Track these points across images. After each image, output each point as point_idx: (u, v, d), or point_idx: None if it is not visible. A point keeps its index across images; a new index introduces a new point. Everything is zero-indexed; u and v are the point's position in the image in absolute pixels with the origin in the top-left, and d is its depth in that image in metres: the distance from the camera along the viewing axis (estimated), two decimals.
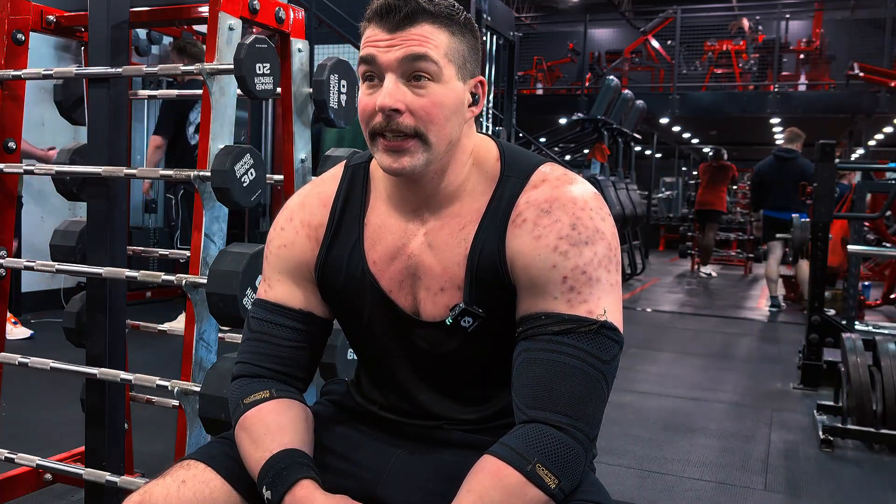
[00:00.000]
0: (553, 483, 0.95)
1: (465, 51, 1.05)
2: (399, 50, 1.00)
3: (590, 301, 1.01)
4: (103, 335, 1.86)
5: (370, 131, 1.04)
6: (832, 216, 4.22)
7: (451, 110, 1.04)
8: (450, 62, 1.03)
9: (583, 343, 1.00)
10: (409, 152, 1.03)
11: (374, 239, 1.13)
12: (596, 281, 1.02)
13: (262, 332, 1.16)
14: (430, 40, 1.01)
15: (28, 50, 2.00)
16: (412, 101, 1.01)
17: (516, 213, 1.06)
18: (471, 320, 1.08)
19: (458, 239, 1.09)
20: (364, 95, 1.04)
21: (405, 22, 1.01)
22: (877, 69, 11.45)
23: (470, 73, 1.07)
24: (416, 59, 1.01)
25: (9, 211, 2.05)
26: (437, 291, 1.10)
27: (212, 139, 1.74)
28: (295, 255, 1.16)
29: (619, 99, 8.50)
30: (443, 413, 1.16)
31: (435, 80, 1.02)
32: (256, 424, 1.09)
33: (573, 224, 1.03)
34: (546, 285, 1.02)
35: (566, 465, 0.96)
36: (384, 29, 1.02)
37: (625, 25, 16.87)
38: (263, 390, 1.12)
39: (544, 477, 0.94)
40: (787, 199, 6.40)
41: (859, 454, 3.16)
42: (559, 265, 1.02)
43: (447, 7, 1.03)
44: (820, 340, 4.07)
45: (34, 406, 3.23)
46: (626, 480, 2.74)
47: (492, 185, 1.10)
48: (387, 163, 1.04)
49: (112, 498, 1.83)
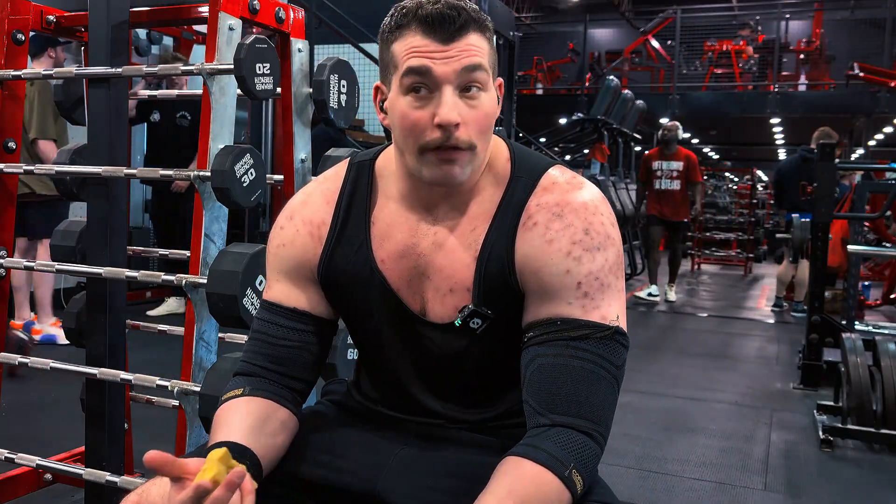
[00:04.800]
0: (580, 487, 0.97)
1: (495, 56, 1.07)
2: (456, 62, 1.00)
3: (602, 307, 1.02)
4: (103, 335, 1.86)
5: (421, 146, 1.02)
6: (832, 216, 4.23)
7: (493, 117, 1.05)
8: (491, 71, 1.04)
9: (598, 349, 1.01)
10: (461, 163, 1.03)
11: (383, 237, 1.12)
12: (608, 287, 1.03)
13: (261, 331, 1.15)
14: (481, 49, 1.02)
15: (28, 50, 2.00)
16: (467, 114, 1.01)
17: (527, 216, 1.06)
18: (479, 322, 1.08)
19: (468, 240, 1.09)
20: (411, 108, 1.01)
21: (459, 32, 1.00)
22: (877, 69, 11.46)
23: (496, 77, 1.07)
24: (473, 69, 1.01)
25: (9, 211, 2.05)
26: (446, 292, 1.09)
27: (212, 139, 1.74)
28: (294, 254, 1.15)
29: (619, 99, 8.49)
30: (445, 413, 1.16)
31: (484, 90, 1.03)
32: (218, 420, 1.09)
33: (586, 229, 1.03)
34: (560, 290, 1.02)
35: (593, 470, 1.00)
36: (436, 39, 1.00)
37: (625, 25, 16.88)
38: (239, 388, 1.11)
39: (577, 482, 0.96)
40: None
41: (859, 454, 3.15)
42: (573, 270, 1.02)
43: (483, 14, 1.05)
44: (820, 340, 4.07)
45: (34, 406, 3.23)
46: (626, 480, 2.74)
47: (502, 186, 1.09)
48: (439, 175, 1.03)
49: (112, 498, 1.82)
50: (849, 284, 4.81)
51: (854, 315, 4.72)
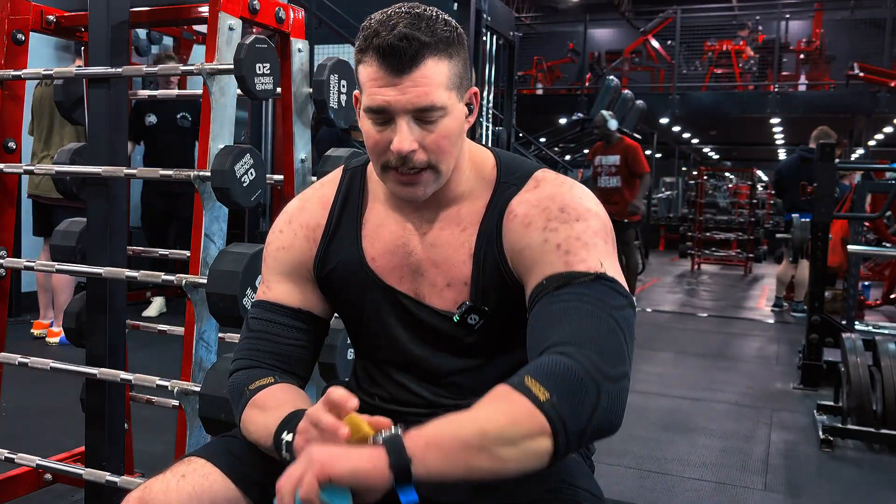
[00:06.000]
0: (542, 395, 0.89)
1: (461, 69, 1.07)
2: (409, 94, 1.02)
3: (588, 260, 1.02)
4: (103, 335, 1.86)
5: (382, 164, 1.08)
6: (832, 216, 4.23)
7: (457, 134, 1.08)
8: (452, 90, 1.06)
9: (581, 290, 0.99)
10: (423, 183, 1.08)
11: (373, 237, 1.17)
12: (592, 246, 1.03)
13: (262, 330, 1.18)
14: (434, 80, 1.03)
15: (28, 50, 2.01)
16: (423, 138, 1.05)
17: (508, 211, 1.11)
18: (477, 317, 1.12)
19: (460, 239, 1.13)
20: (373, 130, 1.06)
21: (411, 64, 1.02)
22: (877, 69, 11.45)
23: (466, 88, 1.10)
24: (424, 110, 1.03)
25: (9, 211, 2.05)
26: (443, 287, 1.14)
27: (212, 139, 1.74)
28: (293, 256, 1.20)
29: (619, 99, 8.50)
30: (440, 402, 1.17)
31: (444, 115, 1.05)
32: (268, 400, 1.10)
33: (562, 208, 1.07)
34: (542, 256, 1.04)
35: (559, 381, 0.90)
36: (389, 72, 1.02)
37: (625, 25, 16.87)
38: (267, 377, 1.14)
39: (531, 386, 0.89)
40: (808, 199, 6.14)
41: (859, 454, 3.16)
42: (550, 238, 1.05)
43: (442, 30, 1.04)
44: (820, 340, 4.07)
45: (34, 406, 3.23)
46: (626, 480, 2.74)
47: (489, 190, 1.14)
48: (401, 193, 1.09)
49: (112, 498, 1.82)
50: (849, 284, 4.81)
51: (854, 315, 4.71)
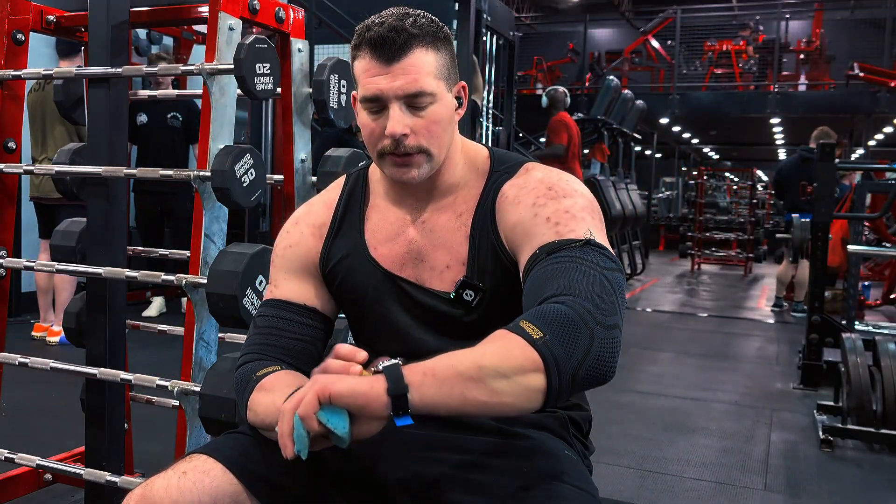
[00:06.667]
0: (536, 334, 0.93)
1: (448, 62, 1.16)
2: (399, 80, 1.11)
3: (577, 230, 1.08)
4: (103, 335, 1.86)
5: (379, 151, 1.16)
6: (832, 216, 4.23)
7: (447, 121, 1.16)
8: (440, 79, 1.14)
9: (573, 253, 1.05)
10: (416, 165, 1.16)
11: (375, 230, 1.25)
12: (581, 220, 1.10)
13: (270, 326, 1.21)
14: (422, 69, 1.12)
15: (28, 50, 2.01)
16: (415, 123, 1.13)
17: (500, 194, 1.19)
18: (472, 294, 1.17)
19: (457, 224, 1.21)
20: (369, 119, 1.15)
21: (400, 53, 1.11)
22: (877, 69, 11.45)
23: (454, 81, 1.18)
24: (414, 96, 1.12)
25: (9, 211, 2.05)
26: (442, 269, 1.20)
27: (212, 139, 1.74)
28: (300, 253, 1.26)
29: (619, 99, 8.50)
30: None
31: (434, 102, 1.14)
32: (275, 383, 1.12)
33: (549, 187, 1.15)
34: (533, 229, 1.11)
35: (553, 323, 0.94)
36: (381, 61, 1.11)
37: (625, 25, 16.88)
38: (274, 365, 1.16)
39: (525, 327, 0.94)
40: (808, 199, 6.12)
41: (859, 454, 3.16)
42: (540, 213, 1.12)
43: (429, 25, 1.14)
44: (820, 340, 4.07)
45: (34, 406, 3.24)
46: (626, 480, 2.74)
47: (483, 179, 1.22)
48: (397, 175, 1.17)
49: (112, 498, 1.82)
50: (849, 284, 4.81)
51: (854, 315, 4.71)
